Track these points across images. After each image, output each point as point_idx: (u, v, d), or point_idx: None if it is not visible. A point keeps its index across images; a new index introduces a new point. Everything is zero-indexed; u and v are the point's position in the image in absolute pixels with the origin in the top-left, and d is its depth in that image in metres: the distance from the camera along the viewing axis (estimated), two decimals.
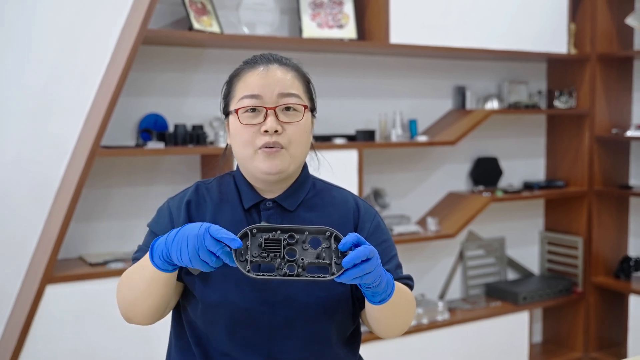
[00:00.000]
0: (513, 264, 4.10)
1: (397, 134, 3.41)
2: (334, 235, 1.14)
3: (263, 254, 1.12)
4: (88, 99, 2.79)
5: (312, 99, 1.40)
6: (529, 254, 4.18)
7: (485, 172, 3.89)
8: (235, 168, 1.41)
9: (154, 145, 2.72)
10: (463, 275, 3.89)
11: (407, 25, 3.23)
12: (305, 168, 1.42)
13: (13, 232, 2.71)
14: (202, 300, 1.30)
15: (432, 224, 3.49)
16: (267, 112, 1.30)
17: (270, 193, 1.37)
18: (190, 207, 1.36)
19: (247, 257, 1.12)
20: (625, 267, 3.91)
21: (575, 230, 4.02)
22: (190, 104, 3.02)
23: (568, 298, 3.90)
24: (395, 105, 3.56)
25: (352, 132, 3.38)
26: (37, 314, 2.50)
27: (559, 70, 4.07)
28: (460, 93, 3.75)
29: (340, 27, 3.19)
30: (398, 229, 3.36)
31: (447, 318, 3.45)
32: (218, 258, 1.12)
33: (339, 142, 3.17)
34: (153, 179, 2.96)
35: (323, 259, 1.13)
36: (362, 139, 3.25)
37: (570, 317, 4.03)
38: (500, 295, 3.78)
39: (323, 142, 3.15)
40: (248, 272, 1.11)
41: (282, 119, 1.31)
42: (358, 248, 1.12)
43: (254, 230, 1.13)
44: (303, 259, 1.12)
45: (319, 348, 1.33)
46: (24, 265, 2.73)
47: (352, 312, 1.37)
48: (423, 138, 3.45)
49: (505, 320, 3.62)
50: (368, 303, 1.26)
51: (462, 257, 3.88)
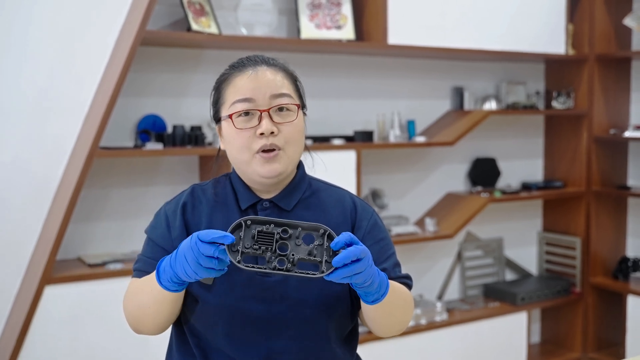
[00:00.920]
0: (511, 265, 4.14)
1: (395, 135, 3.44)
2: (327, 233, 1.15)
3: (255, 246, 1.14)
4: (86, 100, 2.81)
5: (301, 97, 1.41)
6: (527, 255, 4.21)
7: (484, 172, 3.92)
8: (232, 169, 1.42)
9: (153, 146, 2.75)
10: (461, 276, 3.92)
11: (405, 26, 3.26)
12: (302, 167, 1.44)
13: (12, 232, 2.73)
14: (200, 302, 1.32)
15: (430, 225, 3.52)
16: (261, 114, 1.31)
17: (267, 193, 1.38)
18: (186, 210, 1.38)
19: (238, 247, 1.14)
20: (624, 267, 3.94)
21: (574, 231, 4.05)
22: (189, 105, 3.05)
23: (566, 298, 3.93)
24: (394, 106, 3.59)
25: (350, 132, 3.41)
26: (35, 315, 2.53)
27: (557, 71, 4.10)
28: (459, 94, 3.78)
29: (339, 27, 3.22)
30: (396, 230, 3.38)
31: (445, 318, 3.48)
32: (219, 260, 1.14)
33: (337, 142, 3.20)
34: (152, 180, 2.99)
35: (314, 256, 1.14)
36: (360, 140, 3.28)
37: (569, 317, 4.06)
38: (499, 296, 3.81)
39: (321, 142, 3.18)
40: (239, 262, 1.12)
41: (276, 120, 1.32)
42: (349, 248, 1.13)
43: (249, 222, 1.15)
44: (294, 255, 1.14)
45: (317, 347, 1.34)
46: (23, 266, 2.76)
47: (350, 311, 1.38)
48: (421, 139, 3.48)
49: (504, 321, 3.65)
50: (363, 302, 1.28)
51: (460, 257, 3.91)
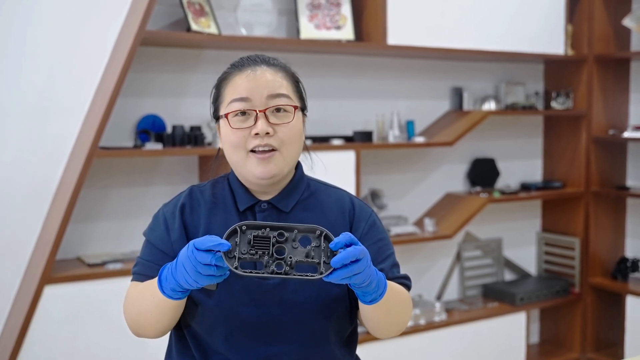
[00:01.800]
0: (510, 265, 4.18)
1: (394, 135, 3.47)
2: (324, 234, 1.16)
3: (252, 251, 1.15)
4: (86, 100, 2.85)
5: (302, 99, 1.42)
6: (526, 255, 4.25)
7: (483, 173, 3.96)
8: (230, 170, 1.44)
9: (152, 147, 2.78)
10: (460, 276, 3.96)
11: (404, 27, 3.30)
12: (300, 168, 1.45)
13: (11, 233, 2.77)
14: (200, 306, 1.34)
15: (429, 225, 3.55)
16: (257, 114, 1.33)
17: (265, 195, 1.40)
18: (184, 212, 1.40)
19: (235, 253, 1.15)
20: (622, 268, 3.98)
21: (573, 231, 4.09)
22: (188, 105, 3.09)
23: (565, 299, 3.97)
24: (393, 106, 3.63)
25: (349, 133, 3.45)
26: (35, 315, 2.56)
27: (556, 72, 4.14)
28: (458, 94, 3.82)
29: (338, 28, 3.26)
30: (395, 230, 3.42)
31: (444, 319, 3.52)
32: (218, 267, 1.16)
33: (337, 143, 3.24)
34: (151, 180, 3.03)
35: (312, 258, 1.15)
36: (359, 140, 3.32)
37: (568, 318, 4.10)
38: (498, 296, 3.85)
39: (320, 143, 3.22)
40: (236, 268, 1.14)
41: (272, 121, 1.33)
42: (348, 248, 1.14)
43: (244, 227, 1.16)
44: (291, 257, 1.15)
45: (317, 349, 1.36)
46: (23, 266, 2.79)
47: (349, 312, 1.40)
48: (420, 139, 3.51)
49: (503, 321, 3.69)
50: (361, 302, 1.30)
51: (459, 258, 3.95)
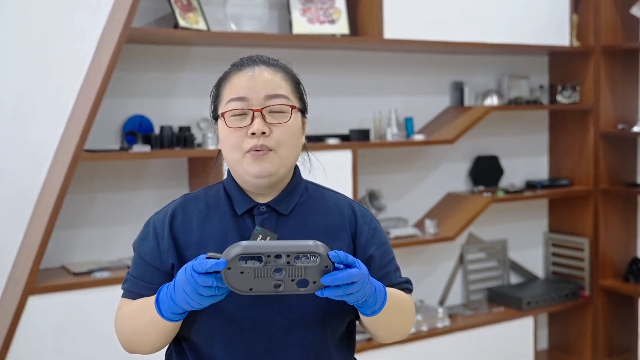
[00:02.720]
0: (516, 268, 4.20)
1: (392, 133, 3.50)
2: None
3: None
4: (68, 102, 2.87)
5: (302, 100, 1.46)
6: (533, 257, 4.27)
7: (486, 171, 3.98)
8: (227, 174, 1.47)
9: (140, 149, 2.80)
10: (464, 280, 3.98)
11: (401, 20, 3.33)
12: (297, 171, 1.49)
13: None
14: (197, 314, 1.36)
15: (430, 227, 3.58)
16: (253, 114, 1.37)
17: (263, 197, 1.43)
18: (175, 221, 1.42)
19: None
20: (634, 269, 4.00)
21: (581, 231, 4.12)
22: (177, 105, 3.11)
23: (575, 302, 3.99)
24: (390, 103, 3.65)
25: (345, 131, 3.47)
26: (19, 327, 2.58)
27: (562, 64, 4.17)
28: (458, 89, 3.84)
29: (332, 22, 3.28)
30: (395, 232, 3.44)
31: (447, 325, 3.54)
32: (219, 287, 1.21)
33: (332, 142, 3.26)
34: (139, 184, 3.05)
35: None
36: (356, 139, 3.34)
37: (578, 322, 4.12)
38: (503, 301, 3.87)
39: (315, 142, 3.24)
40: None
41: (269, 121, 1.38)
42: (345, 271, 1.21)
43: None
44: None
45: (316, 354, 1.40)
46: (4, 276, 2.81)
47: (348, 318, 1.44)
48: (420, 137, 3.54)
49: (509, 327, 3.71)
50: (361, 313, 1.36)
51: (462, 260, 3.97)
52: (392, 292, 1.40)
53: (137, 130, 2.96)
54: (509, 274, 4.13)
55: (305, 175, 1.52)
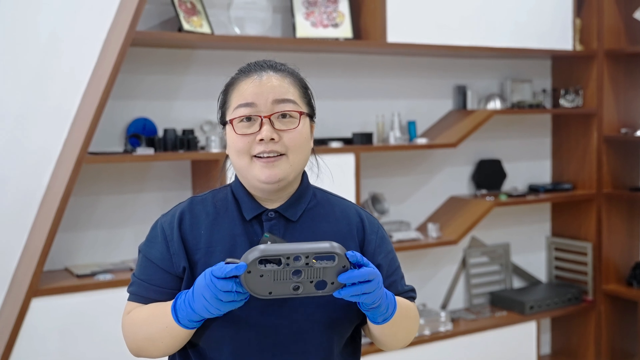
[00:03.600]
0: (519, 272, 4.22)
1: (395, 137, 3.52)
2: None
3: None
4: (73, 105, 2.90)
5: (310, 105, 1.48)
6: (536, 261, 4.29)
7: (488, 175, 4.00)
8: (234, 179, 1.48)
9: (143, 151, 2.82)
10: (466, 284, 4.00)
11: (404, 23, 3.35)
12: (306, 177, 1.50)
13: None
14: (207, 323, 1.37)
15: (433, 230, 3.59)
16: (262, 120, 1.38)
17: (271, 203, 1.44)
18: (183, 224, 1.42)
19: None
20: (638, 273, 4.01)
21: (584, 236, 4.13)
22: (180, 108, 3.13)
23: (578, 307, 4.00)
24: (393, 107, 3.67)
25: (348, 135, 3.50)
26: (22, 329, 2.60)
27: (565, 68, 4.19)
28: (461, 93, 3.86)
29: (335, 26, 3.31)
30: (397, 236, 3.46)
31: (450, 329, 3.55)
32: (238, 292, 1.23)
33: (335, 145, 3.28)
34: (142, 186, 3.07)
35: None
36: (359, 142, 3.36)
37: (581, 327, 4.13)
38: (506, 305, 3.89)
39: (318, 145, 3.26)
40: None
41: (278, 127, 1.38)
42: (360, 269, 1.23)
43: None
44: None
45: (323, 359, 1.41)
46: (7, 278, 2.83)
47: (355, 324, 1.46)
48: (422, 140, 3.56)
49: (512, 331, 3.72)
50: (370, 322, 1.38)
51: (465, 264, 3.99)
52: (399, 300, 1.42)
53: (140, 133, 2.98)
54: (512, 278, 4.15)
55: (313, 180, 1.53)
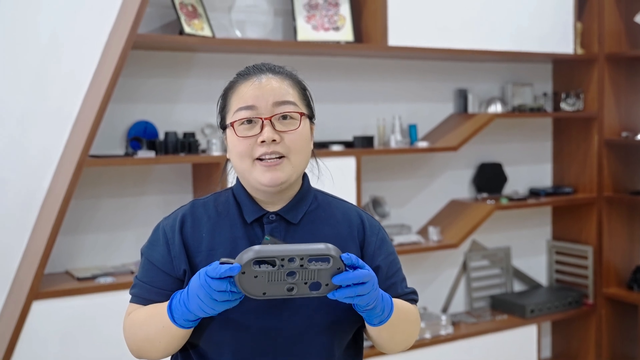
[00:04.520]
0: (519, 275, 4.22)
1: (396, 140, 3.52)
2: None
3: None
4: (74, 107, 2.90)
5: (309, 106, 1.48)
6: (536, 265, 4.29)
7: (489, 178, 4.00)
8: (235, 181, 1.49)
9: (144, 154, 2.83)
10: (467, 287, 4.00)
11: (406, 27, 3.36)
12: (307, 179, 1.51)
13: None
14: (207, 323, 1.38)
15: (433, 234, 3.60)
16: (263, 122, 1.39)
17: (272, 205, 1.45)
18: (185, 226, 1.43)
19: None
20: (638, 277, 4.02)
21: (585, 239, 4.14)
22: (181, 111, 3.14)
23: (578, 310, 4.01)
24: (394, 110, 3.68)
25: (349, 138, 3.50)
26: (23, 332, 2.60)
27: (566, 72, 4.19)
28: (462, 96, 3.87)
29: (337, 29, 3.31)
30: (398, 239, 3.46)
31: (450, 332, 3.55)
32: (232, 291, 1.23)
33: (336, 148, 3.29)
34: (143, 189, 3.08)
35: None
36: (360, 146, 3.37)
37: (581, 330, 4.14)
38: (507, 308, 3.89)
39: (319, 149, 3.26)
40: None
41: (279, 128, 1.39)
42: (355, 271, 1.24)
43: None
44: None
45: None
46: (8, 281, 2.83)
47: (356, 326, 1.46)
48: (423, 144, 3.56)
49: (512, 335, 3.73)
50: (367, 324, 1.38)
51: (465, 268, 3.99)
52: (398, 302, 1.42)
53: (141, 136, 2.99)
54: (513, 282, 4.15)
55: (314, 182, 1.54)
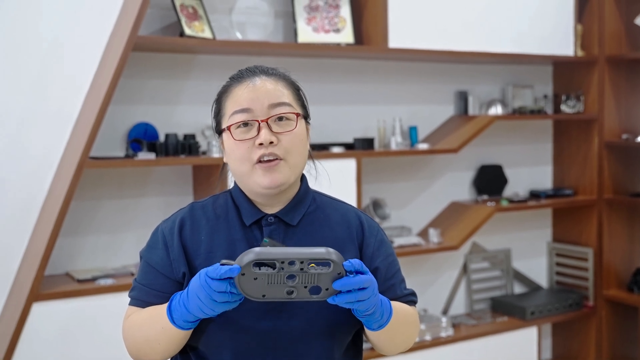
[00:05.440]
0: (520, 277, 4.21)
1: (396, 142, 3.52)
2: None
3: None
4: (74, 109, 2.90)
5: (304, 106, 1.48)
6: (537, 267, 4.29)
7: (490, 180, 4.00)
8: (233, 184, 1.49)
9: (145, 156, 2.82)
10: (467, 289, 4.00)
11: (406, 29, 3.35)
12: (305, 181, 1.51)
13: None
14: (206, 326, 1.38)
15: (434, 236, 3.60)
16: (259, 124, 1.38)
17: (271, 208, 1.45)
18: (184, 229, 1.43)
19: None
20: (639, 279, 4.01)
21: (585, 241, 4.13)
22: (182, 112, 3.14)
23: (578, 313, 4.00)
24: (395, 112, 3.68)
25: (350, 140, 3.50)
26: (23, 333, 2.60)
27: (566, 74, 4.19)
28: (463, 98, 3.87)
29: (337, 31, 3.31)
30: (398, 241, 3.46)
31: (451, 334, 3.55)
32: (232, 293, 1.23)
33: (337, 150, 3.28)
34: (143, 191, 3.07)
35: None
36: (360, 148, 3.36)
37: (581, 332, 4.13)
38: (507, 310, 3.89)
39: (320, 150, 3.26)
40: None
41: (275, 130, 1.39)
42: (356, 276, 1.23)
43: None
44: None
45: None
46: (8, 282, 2.83)
47: (356, 328, 1.46)
48: (424, 146, 3.56)
49: (513, 337, 3.72)
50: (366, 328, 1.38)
51: (466, 270, 3.99)
52: (397, 306, 1.42)
53: (142, 138, 2.98)
54: (513, 284, 4.15)
55: (312, 183, 1.54)
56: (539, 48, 3.81)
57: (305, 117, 1.48)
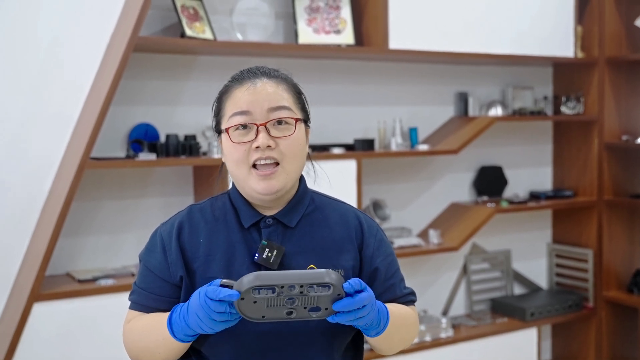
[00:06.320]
0: (520, 278, 4.22)
1: (397, 143, 3.52)
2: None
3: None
4: (75, 110, 2.90)
5: (304, 110, 1.47)
6: (537, 268, 4.29)
7: (490, 181, 4.01)
8: (231, 186, 1.49)
9: (146, 157, 2.83)
10: (467, 290, 4.00)
11: (406, 30, 3.36)
12: (303, 182, 1.51)
13: None
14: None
15: (434, 237, 3.60)
16: (257, 128, 1.38)
17: (269, 210, 1.45)
18: (182, 232, 1.43)
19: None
20: (639, 280, 4.02)
21: (585, 242, 4.14)
22: (182, 113, 3.14)
23: (578, 314, 4.01)
24: (395, 113, 3.68)
25: (350, 141, 3.50)
26: (23, 334, 2.60)
27: (566, 75, 4.20)
28: (463, 99, 3.87)
29: (338, 32, 3.32)
30: (399, 242, 3.47)
31: (450, 335, 3.56)
32: (232, 312, 1.24)
33: (337, 151, 3.29)
34: (144, 192, 3.08)
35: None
36: (360, 149, 3.37)
37: (581, 333, 4.14)
38: (507, 311, 3.89)
39: (320, 151, 3.27)
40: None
41: (274, 134, 1.39)
42: (355, 297, 1.23)
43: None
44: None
45: None
46: (9, 283, 2.83)
47: (354, 330, 1.46)
48: (424, 147, 3.57)
49: (512, 338, 3.73)
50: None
51: (466, 271, 3.99)
52: (394, 309, 1.42)
53: (143, 139, 2.99)
54: (513, 285, 4.15)
55: (311, 185, 1.54)
56: (539, 49, 3.82)
57: (305, 120, 1.47)
